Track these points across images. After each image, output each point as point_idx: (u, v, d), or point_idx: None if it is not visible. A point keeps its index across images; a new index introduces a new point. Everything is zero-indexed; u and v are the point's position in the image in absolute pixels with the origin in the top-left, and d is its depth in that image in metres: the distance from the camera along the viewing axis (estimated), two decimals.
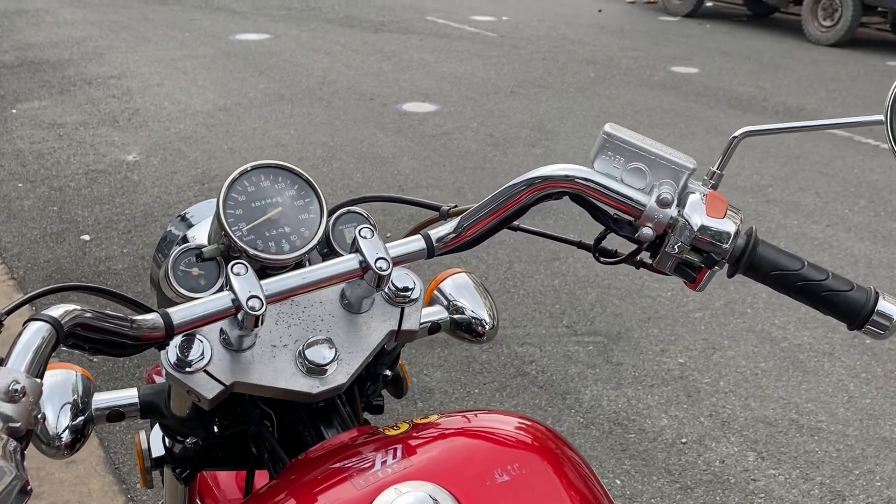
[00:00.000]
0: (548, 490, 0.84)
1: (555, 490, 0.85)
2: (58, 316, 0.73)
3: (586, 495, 0.86)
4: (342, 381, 0.91)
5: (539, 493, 0.83)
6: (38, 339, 0.71)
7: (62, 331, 0.72)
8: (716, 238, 0.90)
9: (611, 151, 0.94)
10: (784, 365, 3.16)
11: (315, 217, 0.97)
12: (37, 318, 0.72)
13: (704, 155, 5.26)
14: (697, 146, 5.47)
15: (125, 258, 3.78)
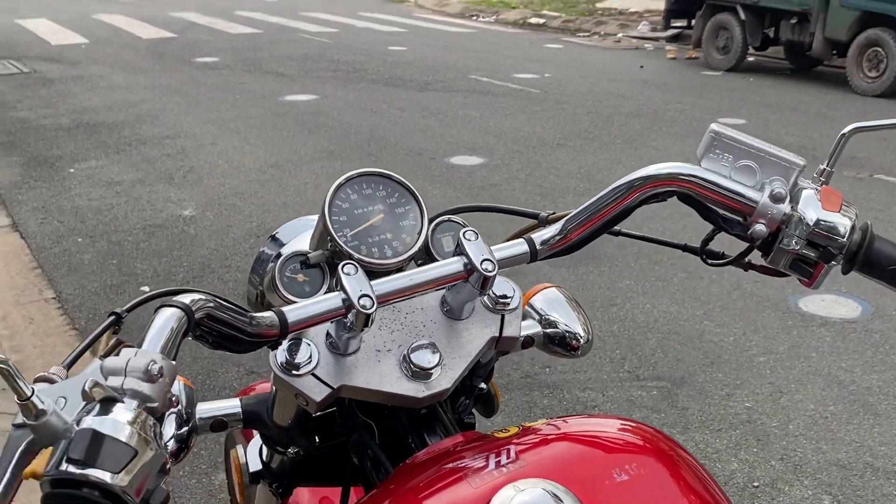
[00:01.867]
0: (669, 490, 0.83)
1: (676, 491, 0.83)
2: (189, 303, 0.74)
3: (706, 497, 0.84)
4: (447, 385, 0.90)
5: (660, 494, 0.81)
6: (172, 324, 0.72)
7: (193, 317, 0.73)
8: (832, 232, 0.89)
9: (718, 150, 0.94)
10: (854, 408, 3.09)
11: (416, 224, 0.98)
12: (169, 305, 0.73)
13: None
14: None
15: None
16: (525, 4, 18.39)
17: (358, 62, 10.75)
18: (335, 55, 11.30)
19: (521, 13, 17.12)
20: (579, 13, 16.73)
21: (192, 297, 0.75)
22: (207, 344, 0.79)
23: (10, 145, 6.59)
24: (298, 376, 0.85)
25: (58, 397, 0.69)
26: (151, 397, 0.65)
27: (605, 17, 16.17)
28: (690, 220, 0.90)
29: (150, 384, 0.65)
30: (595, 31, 14.97)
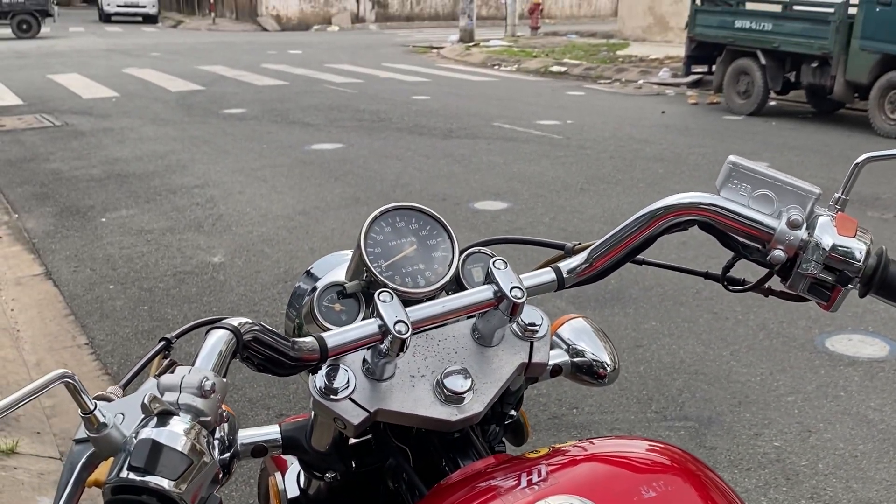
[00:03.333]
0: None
1: None
2: (237, 325, 0.78)
3: None
4: (479, 409, 0.94)
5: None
6: (222, 345, 0.76)
7: (241, 339, 0.78)
8: (848, 256, 0.92)
9: (737, 180, 0.98)
10: (884, 447, 3.07)
11: (447, 255, 1.02)
12: (220, 327, 0.78)
13: None
14: None
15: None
16: (546, 53, 18.62)
17: (382, 111, 10.91)
18: (360, 105, 11.48)
19: (543, 62, 17.32)
20: (600, 61, 16.90)
21: (239, 321, 0.79)
22: (253, 366, 0.84)
23: (43, 196, 6.74)
24: (337, 401, 0.89)
25: (116, 413, 0.74)
26: (205, 412, 0.70)
27: (626, 64, 16.32)
28: (706, 248, 0.93)
29: (203, 399, 0.70)
30: (616, 78, 15.11)
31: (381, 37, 27.55)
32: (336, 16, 32.30)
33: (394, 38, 26.27)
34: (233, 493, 2.86)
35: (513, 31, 23.28)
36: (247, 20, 32.26)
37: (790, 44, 10.49)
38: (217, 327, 0.78)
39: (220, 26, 31.25)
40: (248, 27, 30.97)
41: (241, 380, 3.61)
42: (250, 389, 3.53)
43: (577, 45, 20.58)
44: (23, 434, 3.13)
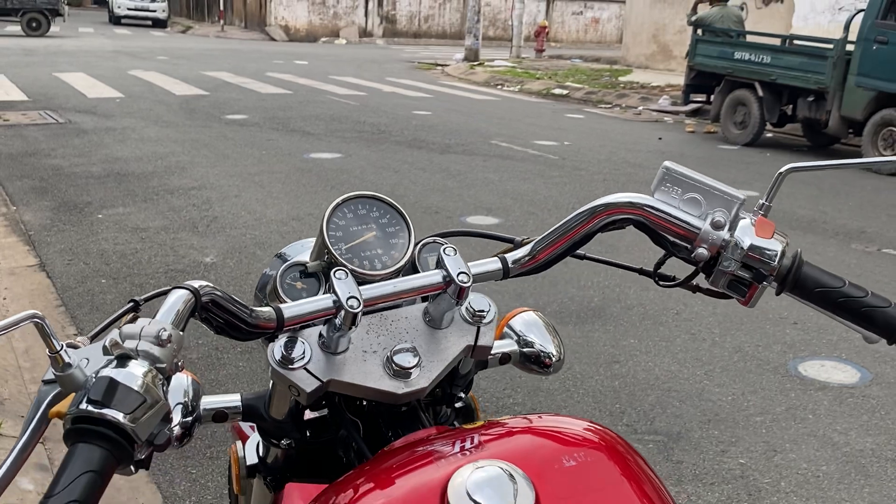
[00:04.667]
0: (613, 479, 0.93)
1: (620, 480, 0.93)
2: (198, 287, 0.87)
3: (649, 491, 0.94)
4: (424, 384, 1.02)
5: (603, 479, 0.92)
6: (181, 303, 0.85)
7: (200, 299, 0.86)
8: (764, 256, 1.00)
9: (669, 183, 1.07)
10: (846, 469, 3.15)
11: (404, 242, 1.10)
12: (181, 287, 0.86)
13: None
14: None
15: (200, 348, 3.95)
16: (549, 76, 18.77)
17: (383, 124, 11.03)
18: (361, 117, 11.59)
19: (545, 84, 17.47)
20: (602, 86, 17.05)
21: (200, 284, 0.88)
22: (212, 327, 0.92)
23: (42, 190, 6.82)
24: (292, 370, 0.97)
25: (82, 358, 0.82)
26: (161, 359, 0.78)
27: (628, 90, 16.46)
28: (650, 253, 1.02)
29: (160, 347, 0.78)
30: (617, 103, 15.24)
31: (387, 52, 27.75)
32: (344, 29, 32.52)
33: (400, 54, 26.45)
34: (209, 483, 2.94)
35: (518, 52, 23.46)
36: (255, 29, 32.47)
37: (788, 77, 10.62)
38: (178, 287, 0.86)
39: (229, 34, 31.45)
40: (256, 36, 31.16)
41: (226, 376, 3.69)
42: (233, 386, 3.60)
43: (581, 70, 20.74)
44: (7, 417, 3.20)
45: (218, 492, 2.91)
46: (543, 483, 0.87)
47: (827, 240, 6.23)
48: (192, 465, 3.07)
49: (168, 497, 2.88)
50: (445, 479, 0.86)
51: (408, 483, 0.91)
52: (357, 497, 0.90)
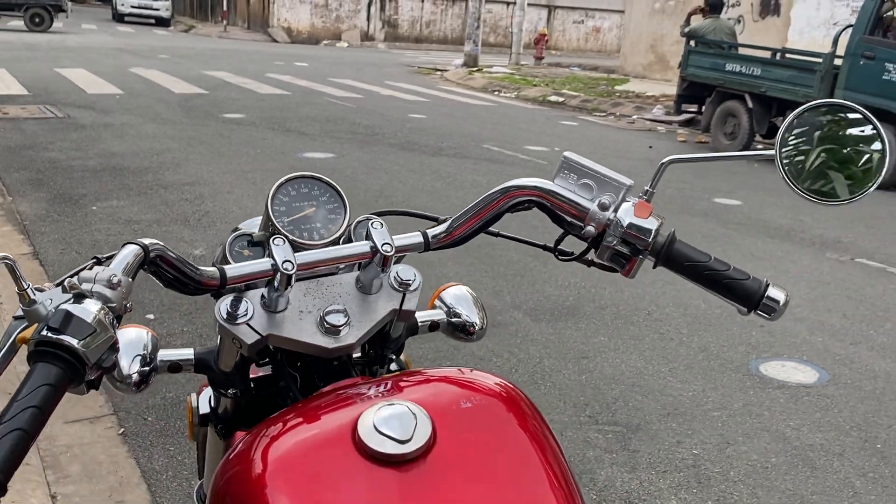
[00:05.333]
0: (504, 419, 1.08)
1: (509, 420, 1.08)
2: (147, 244, 1.02)
3: (537, 434, 1.09)
4: (352, 341, 1.17)
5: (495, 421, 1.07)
6: (131, 256, 1.00)
7: (148, 254, 1.02)
8: (640, 233, 1.16)
9: (567, 171, 1.23)
10: (794, 461, 3.30)
11: (340, 218, 1.26)
12: (132, 242, 1.02)
13: None
14: None
15: (185, 335, 4.11)
16: (546, 83, 18.95)
17: (377, 126, 11.19)
18: (356, 119, 11.75)
19: (542, 91, 17.64)
20: (598, 94, 17.22)
21: (150, 241, 1.03)
22: (161, 280, 1.07)
23: (38, 182, 6.98)
24: (237, 325, 1.12)
25: (47, 298, 0.98)
26: (111, 299, 0.94)
27: (622, 99, 16.64)
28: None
29: (111, 290, 0.94)
30: (611, 111, 15.41)
31: (388, 56, 27.93)
32: (346, 32, 32.72)
33: (401, 58, 26.64)
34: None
35: (517, 59, 23.64)
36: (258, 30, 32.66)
37: (777, 89, 10.79)
38: (130, 242, 1.02)
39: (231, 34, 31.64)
40: (258, 37, 31.35)
41: None
42: None
43: (578, 78, 20.92)
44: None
45: (193, 467, 3.06)
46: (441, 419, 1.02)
47: (803, 248, 6.38)
48: (170, 443, 3.22)
49: (146, 471, 3.03)
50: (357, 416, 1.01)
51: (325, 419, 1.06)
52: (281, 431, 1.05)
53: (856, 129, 1.19)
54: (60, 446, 3.14)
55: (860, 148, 1.18)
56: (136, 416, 3.38)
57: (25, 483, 2.83)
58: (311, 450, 1.02)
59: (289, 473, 0.99)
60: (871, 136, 1.18)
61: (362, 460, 0.98)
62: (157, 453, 3.15)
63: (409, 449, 0.96)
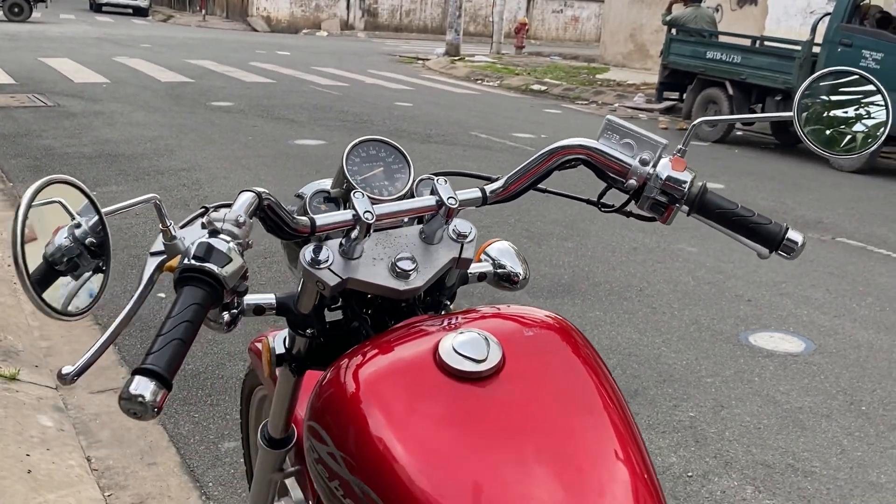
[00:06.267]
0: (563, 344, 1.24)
1: (569, 345, 1.25)
2: (260, 192, 1.18)
3: (591, 357, 1.25)
4: (419, 284, 1.33)
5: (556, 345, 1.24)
6: (248, 200, 1.16)
7: (262, 201, 1.18)
8: (677, 184, 1.33)
9: (609, 131, 1.40)
10: (785, 422, 3.50)
11: (405, 177, 1.42)
12: (247, 190, 1.18)
13: (723, 256, 5.71)
14: (717, 247, 5.90)
15: None
16: (528, 72, 19.12)
17: (365, 114, 11.33)
18: (343, 107, 11.88)
19: (525, 80, 17.81)
20: (579, 83, 17.42)
21: (261, 189, 1.19)
22: (265, 226, 1.23)
23: (36, 168, 7.07)
24: (320, 269, 1.28)
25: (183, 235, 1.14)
26: (238, 235, 1.10)
27: (604, 87, 16.85)
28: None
29: (238, 228, 1.10)
30: (594, 100, 15.62)
31: (368, 45, 28.00)
32: (326, 21, 32.72)
33: (381, 47, 26.72)
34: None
35: (498, 48, 23.79)
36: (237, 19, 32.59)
37: (757, 77, 11.03)
38: (246, 190, 1.18)
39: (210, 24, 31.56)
40: (237, 26, 31.30)
41: None
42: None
43: (559, 67, 21.11)
44: (23, 366, 3.49)
45: (219, 432, 3.22)
46: (509, 344, 1.19)
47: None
48: (194, 410, 3.37)
49: (174, 436, 3.19)
50: (438, 341, 1.17)
51: (408, 345, 1.22)
52: (371, 356, 1.22)
53: (861, 90, 1.37)
54: (89, 414, 3.29)
55: (866, 106, 1.36)
56: None
57: (63, 447, 2.98)
58: (399, 369, 1.18)
59: (381, 389, 1.16)
60: (874, 95, 1.36)
61: (443, 377, 1.14)
62: (182, 420, 3.30)
63: (484, 367, 1.13)
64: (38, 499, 2.59)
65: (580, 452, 1.11)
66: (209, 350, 3.87)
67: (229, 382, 3.60)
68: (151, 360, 0.95)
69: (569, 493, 1.05)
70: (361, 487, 1.09)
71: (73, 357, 1.06)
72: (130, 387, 0.93)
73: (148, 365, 0.95)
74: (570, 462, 1.09)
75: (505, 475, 1.06)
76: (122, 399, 0.93)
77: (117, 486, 2.86)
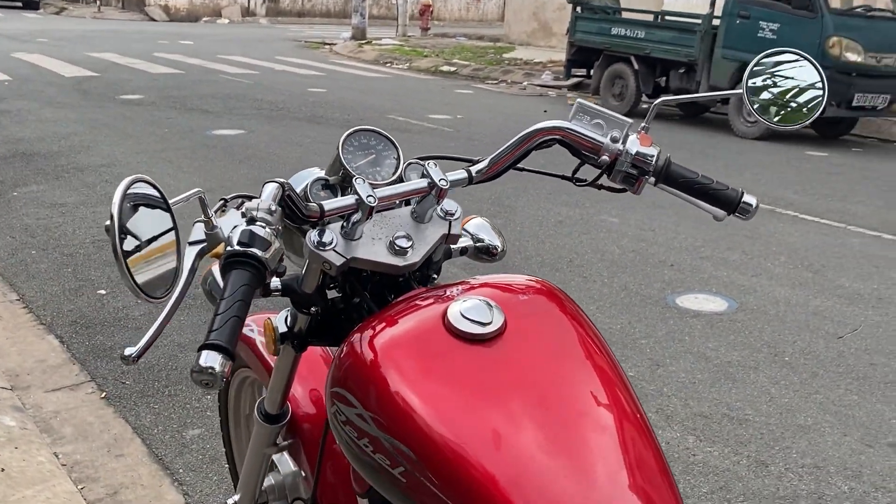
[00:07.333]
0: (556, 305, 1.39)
1: (562, 305, 1.39)
2: (283, 182, 1.30)
3: (581, 317, 1.40)
4: (416, 259, 1.46)
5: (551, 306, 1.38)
6: (274, 190, 1.27)
7: (285, 190, 1.29)
8: (646, 158, 1.50)
9: (581, 114, 1.55)
10: (717, 376, 3.75)
11: (395, 162, 1.54)
12: (271, 181, 1.29)
13: (644, 225, 5.97)
14: (637, 217, 6.17)
15: (140, 307, 4.26)
16: (436, 53, 19.25)
17: (280, 101, 11.30)
18: (257, 95, 11.82)
19: (433, 61, 17.94)
20: (488, 62, 17.64)
21: (282, 179, 1.31)
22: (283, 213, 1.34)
23: None
24: (326, 251, 1.40)
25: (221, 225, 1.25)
26: (272, 222, 1.21)
27: (512, 66, 17.10)
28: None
29: (270, 215, 1.21)
30: (503, 79, 15.85)
31: (272, 31, 27.67)
32: (226, 8, 32.16)
33: (285, 33, 26.45)
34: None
35: (404, 31, 23.85)
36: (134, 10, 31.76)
37: (660, 51, 11.41)
38: (269, 181, 1.29)
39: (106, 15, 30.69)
40: (135, 17, 30.52)
41: None
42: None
43: (466, 47, 21.31)
44: None
45: (181, 421, 3.28)
46: (508, 308, 1.32)
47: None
48: (154, 401, 3.42)
49: (137, 427, 3.24)
50: (446, 308, 1.30)
51: (417, 314, 1.35)
52: (385, 325, 1.34)
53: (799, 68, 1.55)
54: (48, 412, 3.31)
55: (805, 81, 1.54)
56: (113, 381, 3.56)
57: (30, 444, 3.01)
58: (413, 335, 1.31)
59: (400, 353, 1.28)
60: (811, 73, 1.54)
61: (454, 340, 1.27)
62: (143, 412, 3.35)
63: (490, 329, 1.26)
64: (16, 495, 2.64)
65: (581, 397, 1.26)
66: (160, 343, 3.89)
67: (183, 373, 3.65)
68: (214, 335, 1.07)
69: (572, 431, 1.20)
70: (391, 441, 1.22)
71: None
72: (200, 360, 1.04)
73: (213, 340, 1.06)
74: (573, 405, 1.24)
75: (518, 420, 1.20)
76: (194, 372, 1.04)
77: (89, 479, 2.91)
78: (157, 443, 3.15)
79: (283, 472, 1.94)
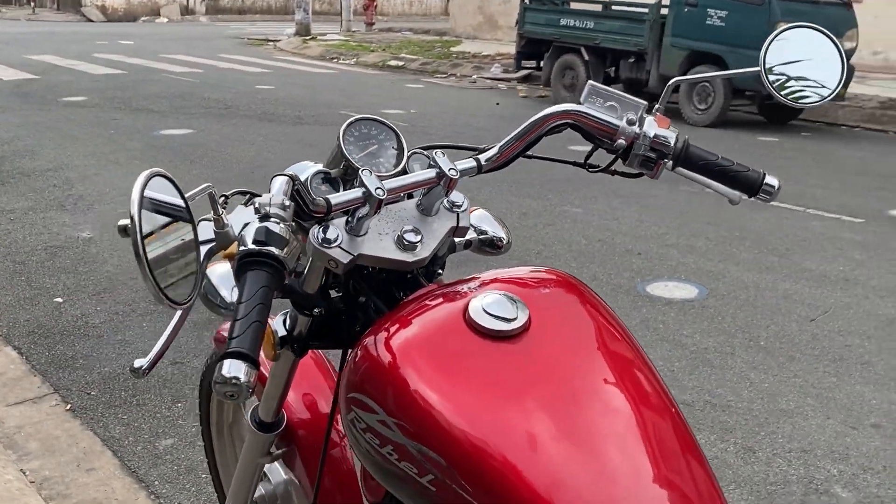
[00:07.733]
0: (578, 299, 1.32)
1: (585, 298, 1.32)
2: (291, 175, 1.21)
3: (604, 309, 1.33)
4: (426, 254, 1.38)
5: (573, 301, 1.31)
6: (285, 184, 1.18)
7: (294, 184, 1.20)
8: (665, 141, 1.43)
9: (594, 96, 1.48)
10: (695, 363, 3.73)
11: (398, 152, 1.46)
12: (279, 175, 1.20)
13: (607, 215, 5.94)
14: (600, 207, 6.15)
15: (100, 314, 4.12)
16: (383, 48, 19.11)
17: (228, 99, 11.09)
18: (204, 93, 11.59)
19: (381, 56, 17.81)
20: (436, 56, 17.56)
21: (291, 172, 1.22)
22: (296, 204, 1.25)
23: None
24: (331, 248, 1.32)
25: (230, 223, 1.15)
26: (286, 218, 1.12)
27: (460, 59, 17.04)
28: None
29: (283, 210, 1.12)
30: (452, 72, 15.79)
31: (212, 29, 27.25)
32: (165, 7, 31.59)
33: (226, 31, 26.06)
34: None
35: (348, 26, 23.65)
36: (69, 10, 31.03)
37: (610, 41, 11.44)
38: (278, 175, 1.20)
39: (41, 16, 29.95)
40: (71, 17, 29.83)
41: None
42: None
43: (413, 42, 21.19)
44: None
45: (153, 431, 3.16)
46: (532, 302, 1.25)
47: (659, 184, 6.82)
48: (121, 412, 3.29)
49: (106, 439, 3.10)
50: (466, 303, 1.23)
51: (435, 310, 1.27)
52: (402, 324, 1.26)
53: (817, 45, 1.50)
54: (11, 427, 3.16)
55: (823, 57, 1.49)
56: (78, 393, 3.41)
57: None
58: (434, 334, 1.23)
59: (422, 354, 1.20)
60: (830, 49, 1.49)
61: (477, 338, 1.19)
62: (111, 423, 3.21)
63: (514, 326, 1.19)
64: None
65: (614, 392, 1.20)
66: (122, 351, 3.76)
67: (151, 381, 3.52)
68: (236, 343, 0.98)
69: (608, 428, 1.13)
70: (418, 448, 1.14)
71: None
72: (223, 370, 0.95)
73: (235, 348, 0.97)
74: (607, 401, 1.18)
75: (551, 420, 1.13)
76: (217, 383, 0.95)
77: (60, 496, 2.77)
78: (129, 455, 3.02)
79: (275, 481, 1.86)
